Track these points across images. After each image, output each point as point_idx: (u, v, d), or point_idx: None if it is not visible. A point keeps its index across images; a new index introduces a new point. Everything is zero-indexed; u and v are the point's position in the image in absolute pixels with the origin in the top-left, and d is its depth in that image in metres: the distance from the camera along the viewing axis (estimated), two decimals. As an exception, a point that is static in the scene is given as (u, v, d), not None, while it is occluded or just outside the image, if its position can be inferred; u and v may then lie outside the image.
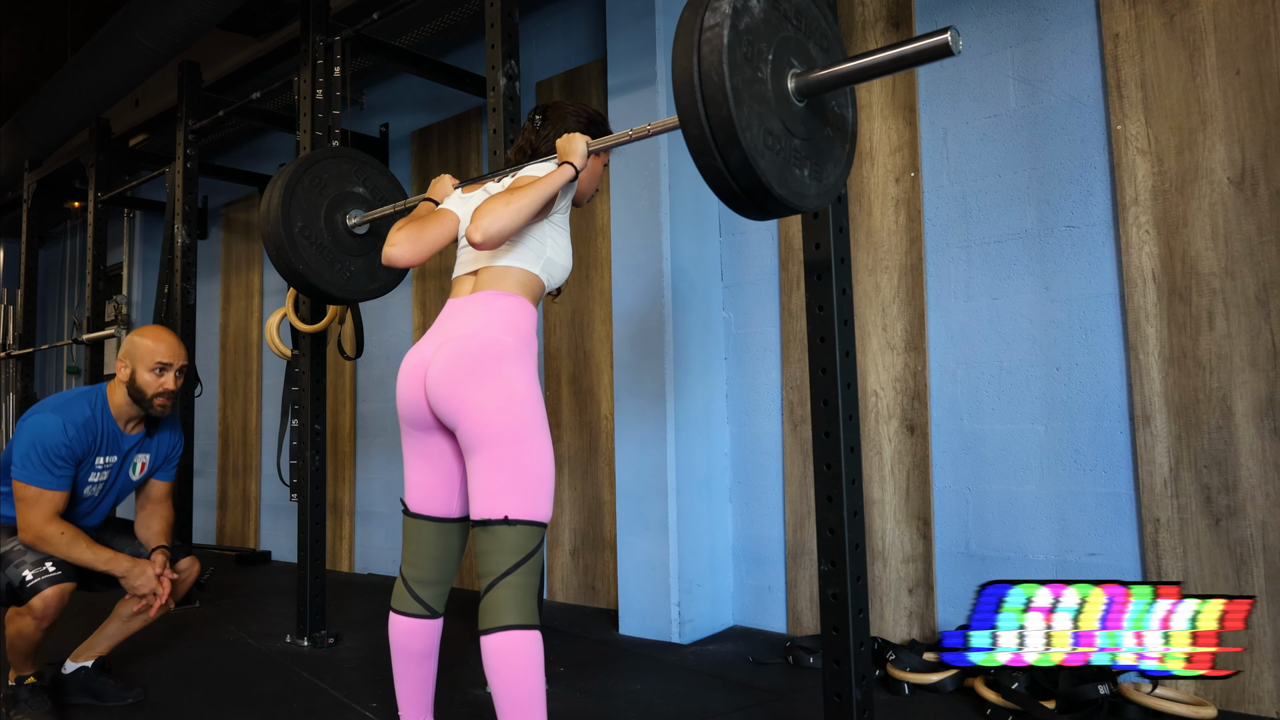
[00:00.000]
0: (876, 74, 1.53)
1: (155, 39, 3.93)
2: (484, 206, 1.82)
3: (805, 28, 1.61)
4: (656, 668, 2.96)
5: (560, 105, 2.15)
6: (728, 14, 1.41)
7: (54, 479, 2.44)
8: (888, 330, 3.09)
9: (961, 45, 1.39)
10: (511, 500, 1.76)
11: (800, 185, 1.57)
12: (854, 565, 1.99)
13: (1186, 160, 2.54)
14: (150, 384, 2.57)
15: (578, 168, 1.91)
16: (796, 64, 1.56)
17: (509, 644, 1.72)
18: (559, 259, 1.98)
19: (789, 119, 1.54)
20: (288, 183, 2.65)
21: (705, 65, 1.40)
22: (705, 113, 1.41)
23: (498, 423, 1.77)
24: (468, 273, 1.99)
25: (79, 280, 7.93)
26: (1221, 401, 2.45)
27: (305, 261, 2.65)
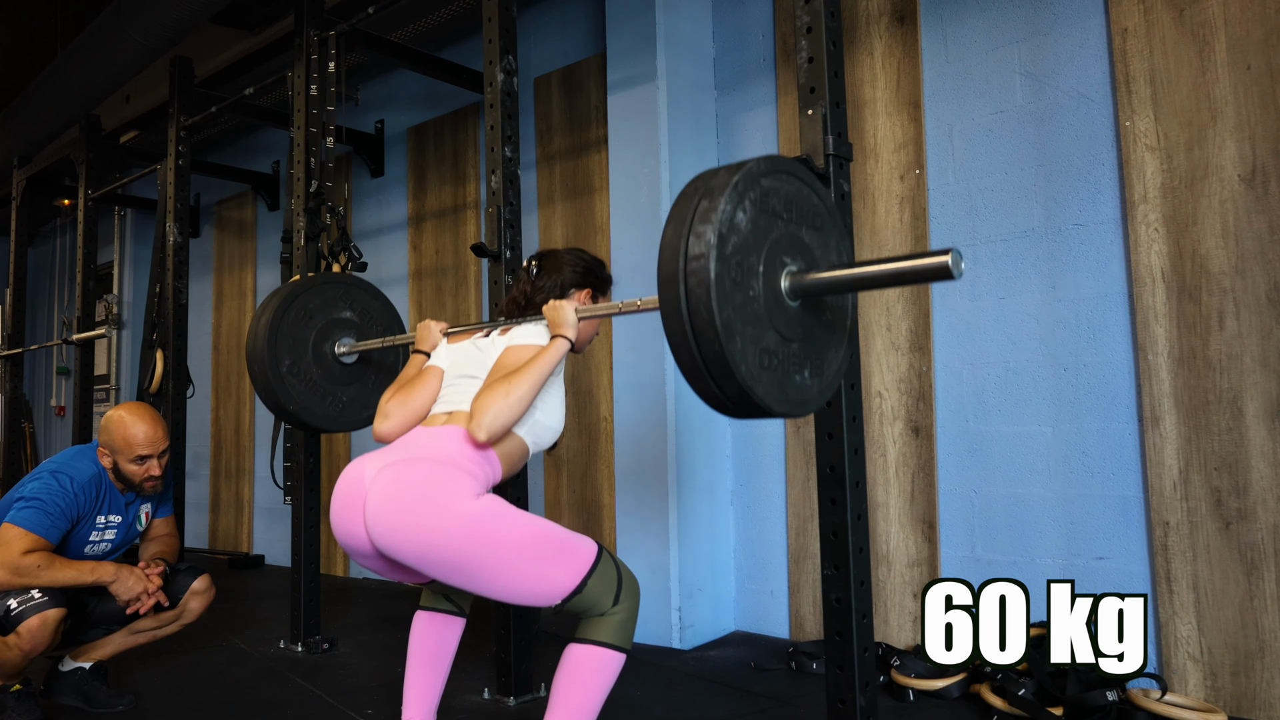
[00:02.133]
0: (871, 285, 1.50)
1: (146, 33, 3.93)
2: (482, 401, 1.76)
3: (796, 215, 1.52)
4: (657, 674, 2.96)
5: (557, 255, 2.12)
6: (713, 243, 1.32)
7: (45, 525, 2.43)
8: (892, 330, 3.10)
9: (964, 269, 1.36)
10: (559, 578, 1.73)
11: (801, 392, 1.52)
12: (858, 569, 2.00)
13: (1196, 157, 2.54)
14: (135, 473, 2.59)
15: (572, 340, 1.87)
16: (790, 261, 1.49)
17: (598, 658, 1.77)
18: (548, 421, 1.92)
19: (784, 325, 1.47)
20: (273, 320, 2.60)
21: (693, 300, 1.33)
22: (697, 346, 1.36)
23: (470, 558, 1.68)
24: (444, 411, 1.93)
25: (69, 279, 7.94)
26: (1232, 403, 2.45)
27: (295, 401, 2.62)
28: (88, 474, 2.56)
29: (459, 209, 4.57)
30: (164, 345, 4.45)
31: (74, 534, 2.55)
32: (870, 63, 3.21)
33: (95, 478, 2.58)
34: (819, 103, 2.02)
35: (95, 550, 2.62)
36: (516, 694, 2.67)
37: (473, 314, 4.42)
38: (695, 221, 1.35)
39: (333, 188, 3.55)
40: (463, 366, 1.99)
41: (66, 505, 2.48)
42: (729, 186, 1.37)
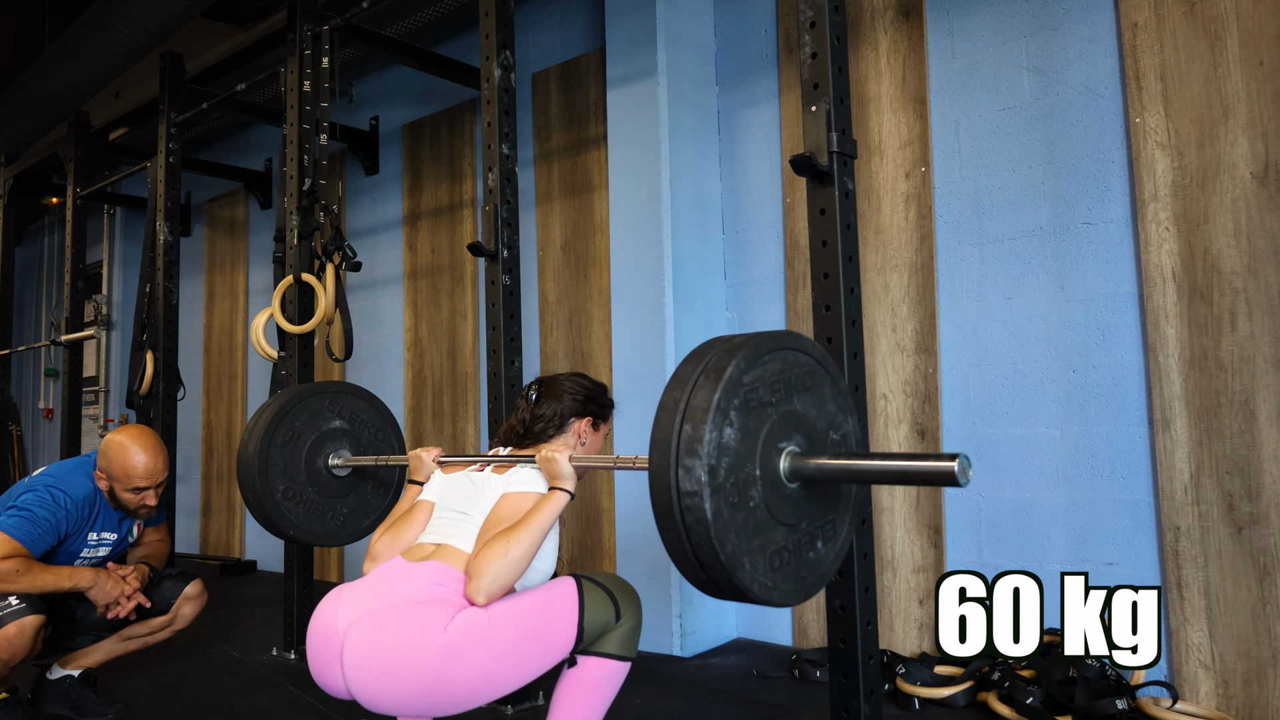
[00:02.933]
0: (872, 481, 1.50)
1: (136, 28, 3.93)
2: (481, 562, 1.72)
3: (784, 390, 1.47)
4: (657, 682, 2.96)
5: (557, 382, 2.09)
6: (705, 480, 1.30)
7: (31, 536, 2.43)
8: (897, 331, 3.09)
9: (971, 476, 1.35)
10: (557, 646, 1.73)
11: (817, 566, 1.51)
12: (862, 575, 2.00)
13: (1208, 154, 2.54)
14: (130, 501, 2.60)
15: (572, 492, 1.82)
16: (787, 442, 1.46)
17: (601, 669, 1.78)
18: (542, 565, 1.85)
19: (790, 514, 1.46)
20: (261, 448, 2.57)
21: (693, 536, 1.32)
22: (706, 574, 1.36)
23: (468, 687, 1.65)
24: (431, 543, 1.89)
25: (57, 279, 7.92)
26: (1244, 405, 2.45)
27: (295, 525, 2.60)
28: (82, 491, 2.56)
29: (455, 207, 4.56)
30: (154, 346, 4.44)
31: (63, 549, 2.55)
32: (875, 58, 3.21)
33: (90, 495, 2.58)
34: (823, 99, 2.02)
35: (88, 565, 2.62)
36: (514, 702, 2.67)
37: (469, 314, 4.42)
38: (681, 454, 1.32)
39: (326, 186, 3.54)
40: (454, 501, 1.95)
41: (56, 521, 2.48)
42: (711, 409, 1.32)
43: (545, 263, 4.06)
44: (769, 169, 3.50)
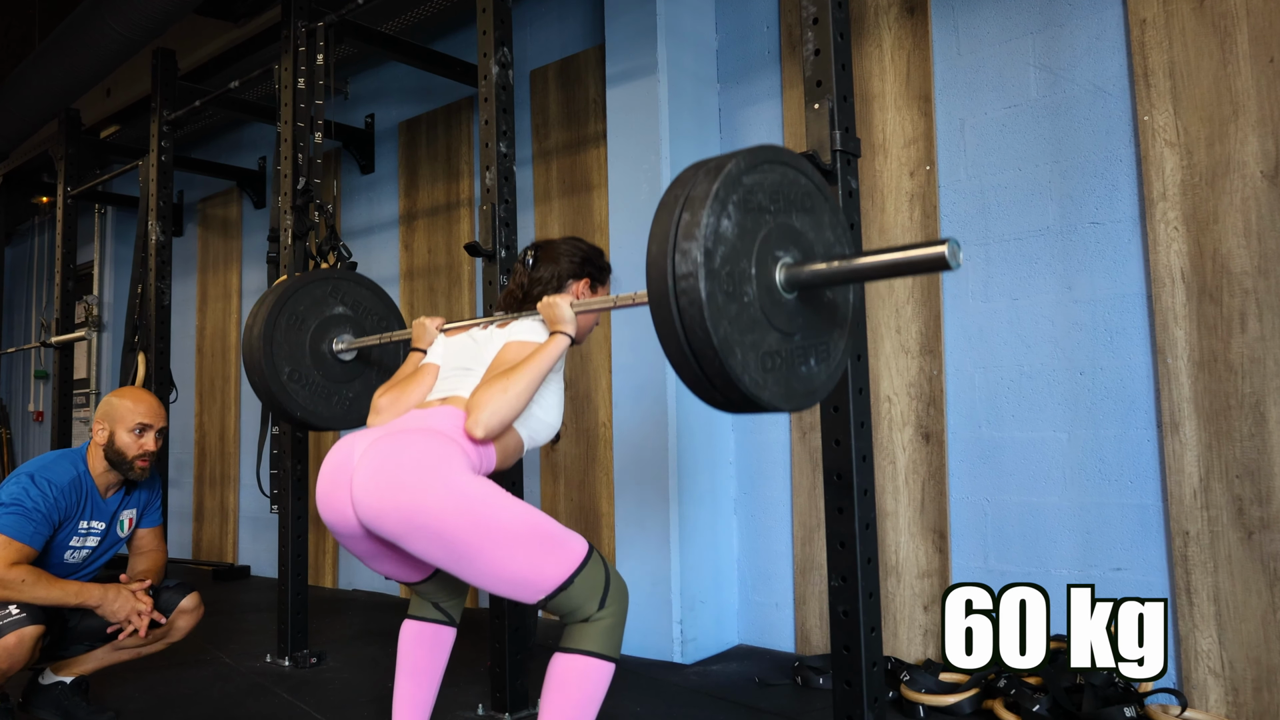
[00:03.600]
0: (867, 278, 1.50)
1: (128, 25, 3.93)
2: (480, 397, 1.78)
3: (784, 203, 1.51)
4: (657, 689, 2.95)
5: (553, 245, 2.12)
6: (700, 261, 1.32)
7: (28, 532, 2.43)
8: (902, 332, 3.09)
9: (962, 259, 1.37)
10: (546, 571, 1.71)
11: (808, 382, 1.53)
12: (866, 581, 1.99)
13: (1217, 153, 2.54)
14: (130, 445, 2.60)
15: (572, 335, 1.88)
16: (783, 253, 1.49)
17: (582, 668, 1.74)
18: (546, 417, 1.93)
19: (784, 321, 1.48)
20: (265, 330, 2.62)
21: (687, 320, 1.33)
22: (698, 364, 1.37)
23: (458, 535, 1.68)
24: (438, 397, 1.96)
25: (47, 280, 7.92)
26: (1254, 408, 2.45)
27: (302, 407, 2.65)
28: (67, 478, 2.55)
29: (452, 206, 4.56)
30: (146, 348, 4.44)
31: (54, 539, 2.54)
32: (879, 55, 3.20)
33: (75, 481, 2.57)
34: (826, 96, 2.02)
35: (75, 557, 2.61)
36: (512, 709, 2.67)
37: (466, 314, 4.41)
38: (679, 238, 1.35)
39: (321, 184, 3.54)
40: (459, 360, 2.01)
41: (48, 509, 2.48)
42: (710, 197, 1.35)
43: (543, 263, 4.06)
44: (771, 168, 3.49)
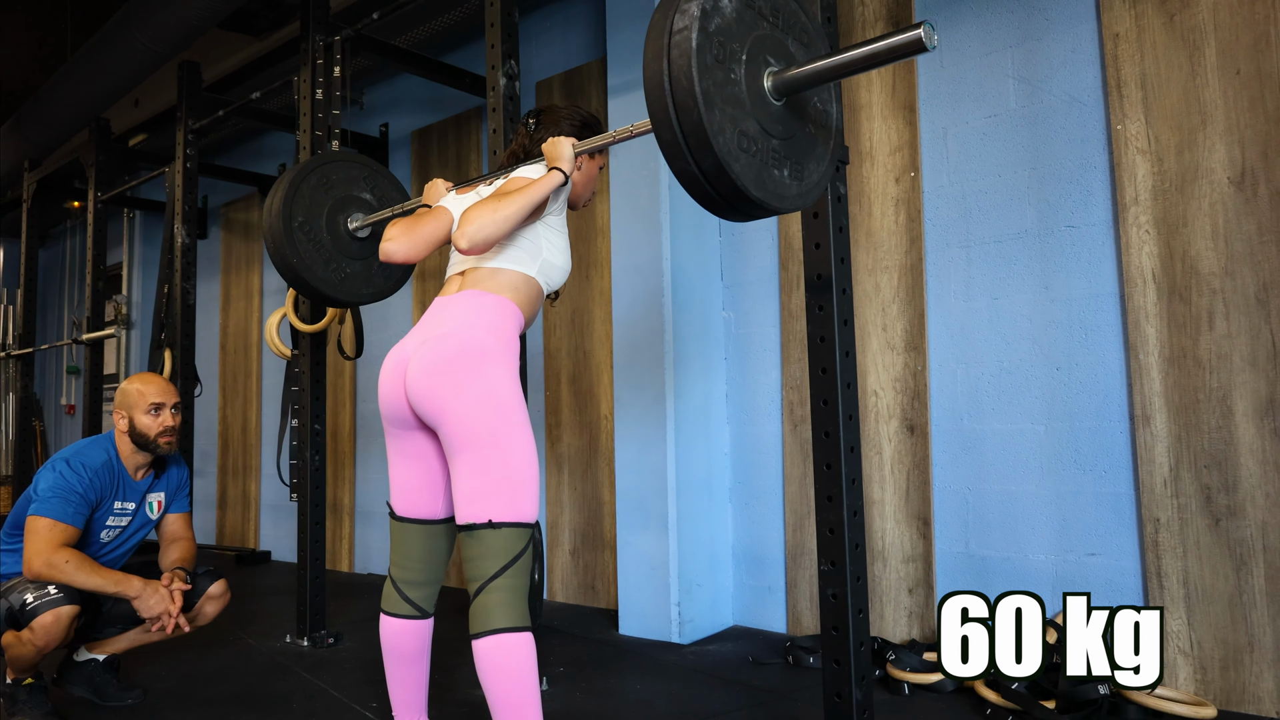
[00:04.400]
0: (851, 71, 1.52)
1: (155, 39, 3.94)
2: (470, 212, 1.83)
3: (783, 24, 1.58)
4: (656, 668, 2.97)
5: (554, 109, 2.15)
6: (696, 16, 1.38)
7: (69, 513, 2.46)
8: (888, 330, 3.10)
9: (937, 41, 1.40)
10: (495, 503, 1.75)
11: (779, 186, 1.56)
12: (854, 565, 2.01)
13: (1187, 160, 2.55)
14: (150, 426, 2.63)
15: (566, 172, 1.91)
16: (773, 62, 1.54)
17: (499, 647, 1.71)
18: (556, 260, 1.98)
19: (766, 120, 1.52)
20: (294, 178, 2.65)
21: (675, 69, 1.38)
22: (676, 117, 1.39)
23: (478, 424, 1.77)
24: (457, 272, 2.00)
25: (79, 280, 7.95)
26: (1221, 401, 2.46)
27: (300, 255, 2.63)
28: (99, 460, 2.59)
29: (462, 211, 4.57)
30: (172, 345, 4.46)
31: (93, 519, 2.57)
32: (866, 67, 3.21)
33: (107, 464, 2.60)
34: (815, 107, 2.03)
35: (110, 536, 2.63)
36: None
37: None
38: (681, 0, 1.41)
39: (338, 190, 3.54)
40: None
41: (85, 490, 2.51)
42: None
43: (549, 264, 4.07)
44: (764, 174, 3.50)
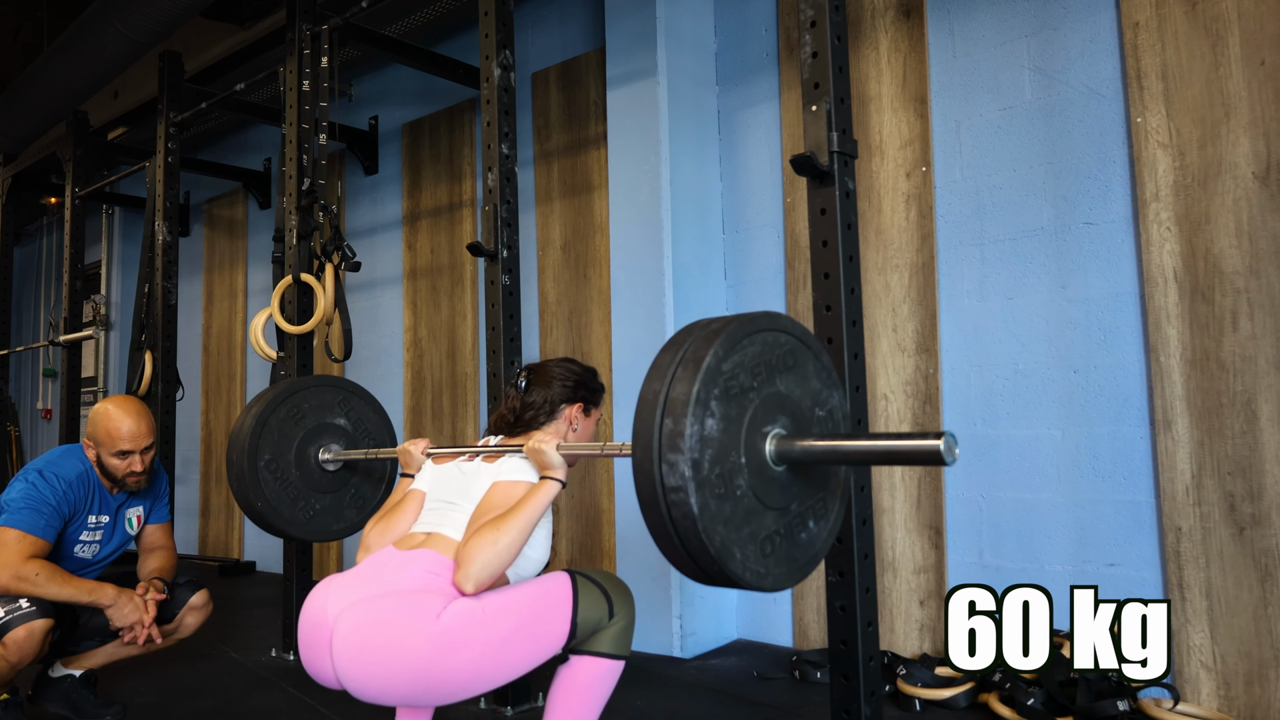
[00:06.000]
0: (859, 462, 1.46)
1: (135, 28, 3.93)
2: (470, 549, 1.70)
3: (766, 372, 1.45)
4: (657, 683, 2.96)
5: (545, 369, 2.08)
6: (689, 475, 1.28)
7: (40, 525, 2.44)
8: (898, 331, 3.10)
9: (958, 454, 1.32)
10: (551, 640, 1.74)
11: (810, 545, 1.50)
12: (863, 576, 2.00)
13: (1209, 154, 2.55)
14: (118, 468, 2.60)
15: (562, 480, 1.82)
16: (771, 425, 1.43)
17: (596, 667, 1.78)
18: (534, 554, 1.85)
19: (779, 498, 1.44)
20: (262, 412, 2.56)
21: (681, 530, 1.31)
22: (696, 565, 1.35)
23: (461, 676, 1.66)
24: (422, 532, 1.88)
25: (56, 279, 7.93)
26: (1246, 405, 2.45)
27: (264, 498, 2.56)
28: (75, 472, 2.57)
29: (455, 207, 4.57)
30: (153, 347, 4.45)
31: (65, 532, 2.55)
32: (876, 58, 3.21)
33: (82, 475, 2.59)
34: (823, 99, 2.02)
35: (85, 551, 2.62)
36: (514, 703, 2.68)
37: (468, 314, 4.42)
38: (664, 449, 1.30)
39: (325, 185, 3.54)
40: (445, 491, 1.94)
41: (58, 502, 2.49)
42: (691, 401, 1.30)
43: (545, 263, 4.07)
44: (769, 169, 3.50)
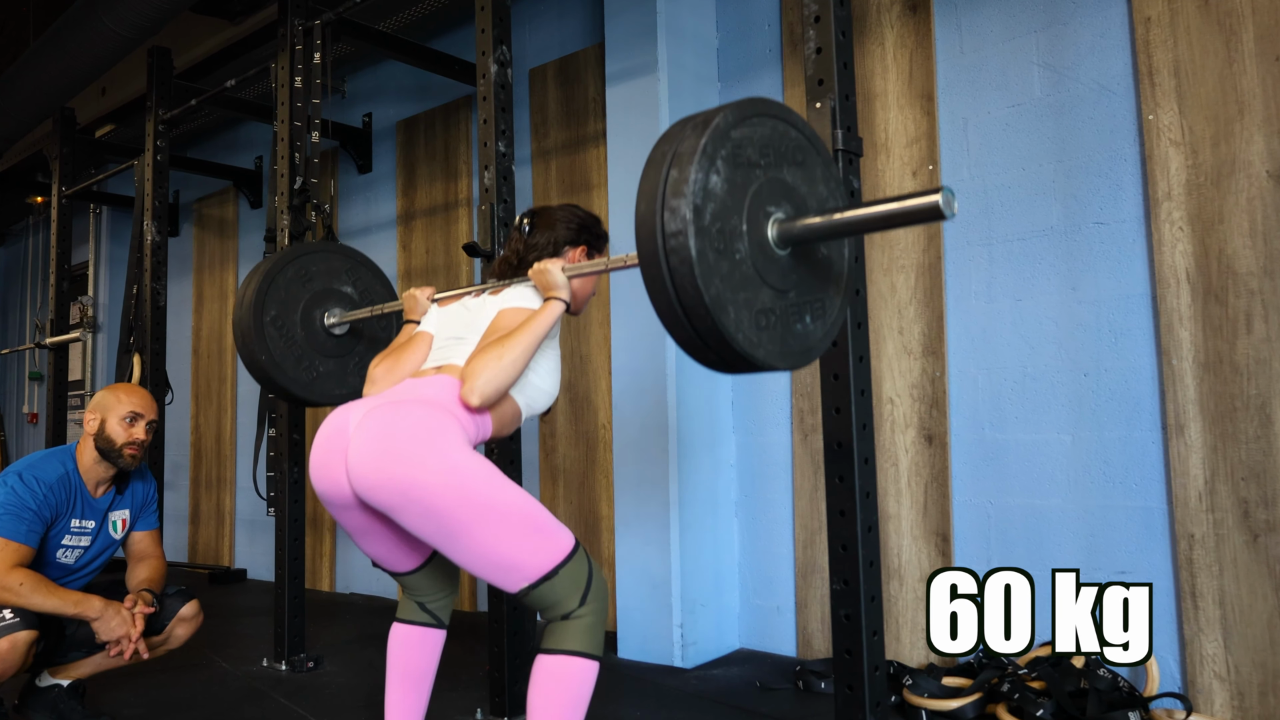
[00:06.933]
0: (861, 231, 1.48)
1: (123, 23, 3.94)
2: (475, 365, 1.79)
3: (774, 157, 1.50)
4: (657, 693, 2.96)
5: (549, 211, 2.11)
6: (689, 218, 1.31)
7: (22, 531, 2.44)
8: (904, 333, 3.10)
9: (956, 209, 1.36)
10: (532, 560, 1.71)
11: (804, 339, 1.53)
12: (868, 584, 2.00)
13: (1223, 152, 2.55)
14: (120, 434, 2.61)
15: (567, 301, 1.87)
16: (774, 209, 1.47)
17: (568, 668, 1.75)
18: (543, 384, 1.93)
19: (777, 279, 1.47)
20: (270, 269, 2.64)
21: (678, 279, 1.33)
22: (690, 323, 1.37)
23: (457, 505, 1.68)
24: (433, 366, 1.97)
25: (42, 281, 7.93)
26: (1260, 409, 2.45)
27: (270, 353, 2.60)
28: (55, 474, 2.56)
29: (450, 206, 4.57)
30: (141, 349, 4.45)
31: (47, 536, 2.55)
32: (881, 54, 3.21)
33: (63, 478, 2.58)
34: (827, 95, 2.03)
35: (69, 557, 2.62)
36: (511, 714, 2.67)
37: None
38: (668, 196, 1.34)
39: (318, 184, 3.55)
40: (452, 329, 2.02)
41: (38, 506, 2.49)
42: (697, 152, 1.35)
43: (543, 263, 4.07)
44: (772, 167, 3.50)
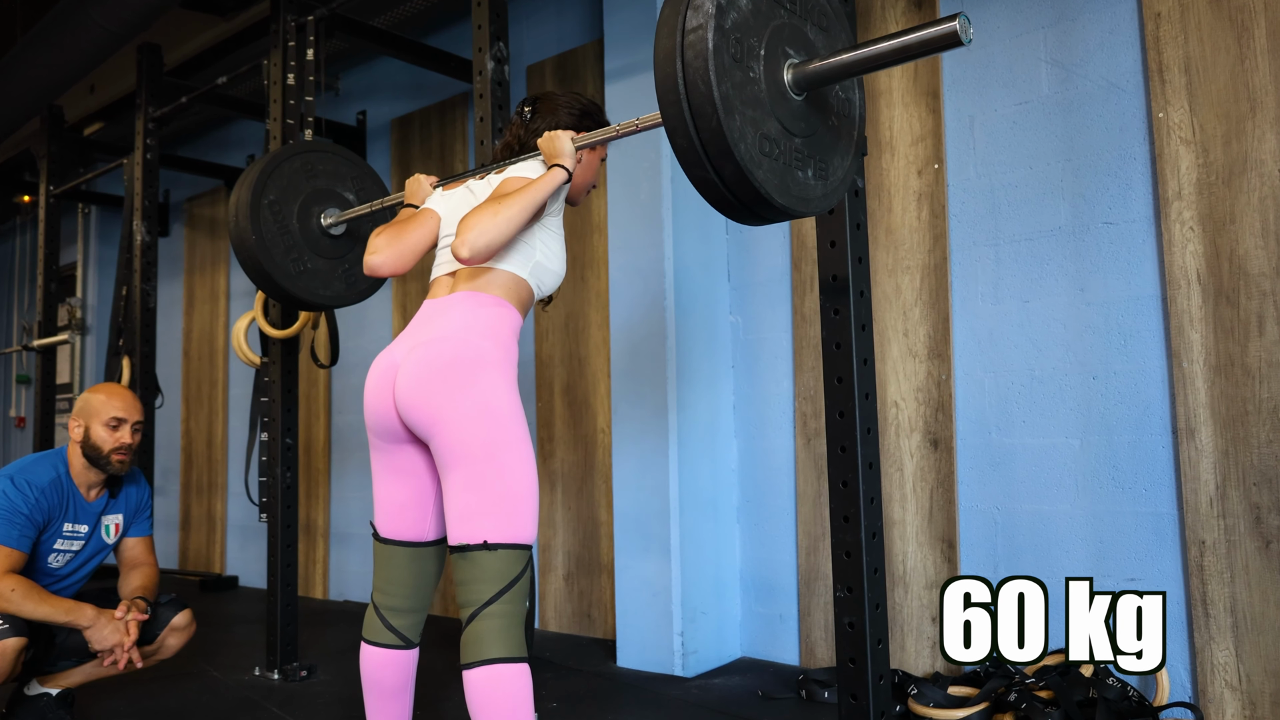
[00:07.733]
0: (879, 65, 1.52)
1: (113, 19, 3.94)
2: (470, 219, 1.83)
3: (801, 9, 1.60)
4: (657, 703, 2.96)
5: (552, 96, 2.15)
6: (711, 13, 1.38)
7: (14, 536, 2.44)
8: (909, 336, 3.10)
9: (972, 34, 1.40)
10: (490, 522, 1.75)
11: (804, 189, 1.57)
12: (872, 591, 2.00)
13: (1234, 151, 2.55)
14: (105, 440, 2.61)
15: (569, 169, 1.92)
16: (793, 53, 1.55)
17: (493, 679, 1.71)
18: (550, 264, 1.98)
19: (787, 117, 1.53)
20: (278, 154, 2.67)
21: (690, 72, 1.38)
22: (694, 124, 1.39)
23: (473, 436, 1.77)
24: (446, 273, 2.01)
25: (29, 282, 7.93)
26: (1272, 413, 2.45)
27: (260, 234, 2.62)
28: (47, 478, 2.56)
29: (446, 206, 4.57)
30: (130, 352, 4.45)
31: (39, 542, 2.54)
32: (885, 50, 3.21)
33: (55, 481, 2.58)
34: (831, 93, 2.03)
35: (60, 561, 2.62)
36: None
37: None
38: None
39: (311, 183, 3.54)
40: (459, 212, 2.03)
41: (30, 510, 2.49)
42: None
43: (540, 264, 4.07)
44: (775, 166, 3.50)
